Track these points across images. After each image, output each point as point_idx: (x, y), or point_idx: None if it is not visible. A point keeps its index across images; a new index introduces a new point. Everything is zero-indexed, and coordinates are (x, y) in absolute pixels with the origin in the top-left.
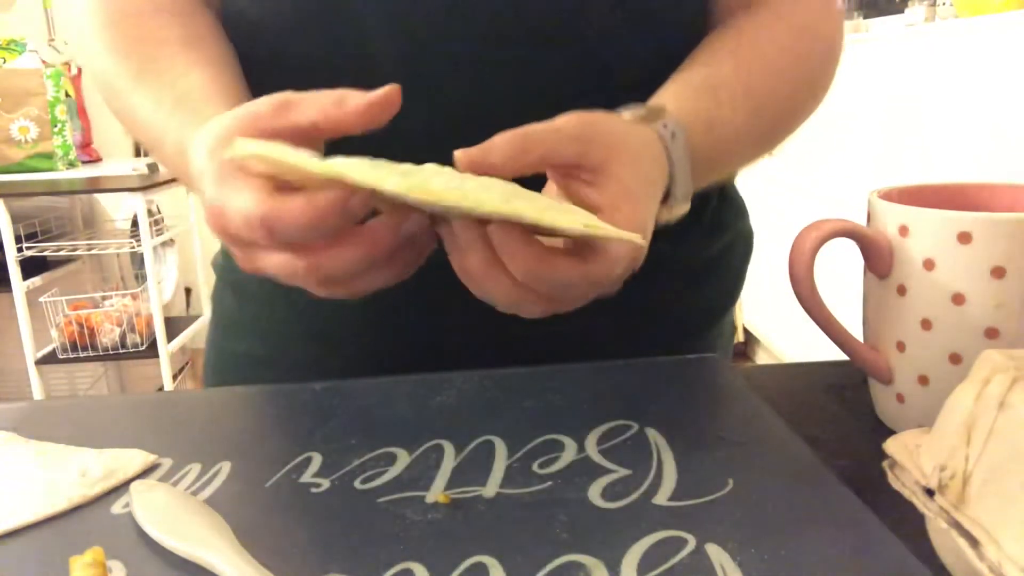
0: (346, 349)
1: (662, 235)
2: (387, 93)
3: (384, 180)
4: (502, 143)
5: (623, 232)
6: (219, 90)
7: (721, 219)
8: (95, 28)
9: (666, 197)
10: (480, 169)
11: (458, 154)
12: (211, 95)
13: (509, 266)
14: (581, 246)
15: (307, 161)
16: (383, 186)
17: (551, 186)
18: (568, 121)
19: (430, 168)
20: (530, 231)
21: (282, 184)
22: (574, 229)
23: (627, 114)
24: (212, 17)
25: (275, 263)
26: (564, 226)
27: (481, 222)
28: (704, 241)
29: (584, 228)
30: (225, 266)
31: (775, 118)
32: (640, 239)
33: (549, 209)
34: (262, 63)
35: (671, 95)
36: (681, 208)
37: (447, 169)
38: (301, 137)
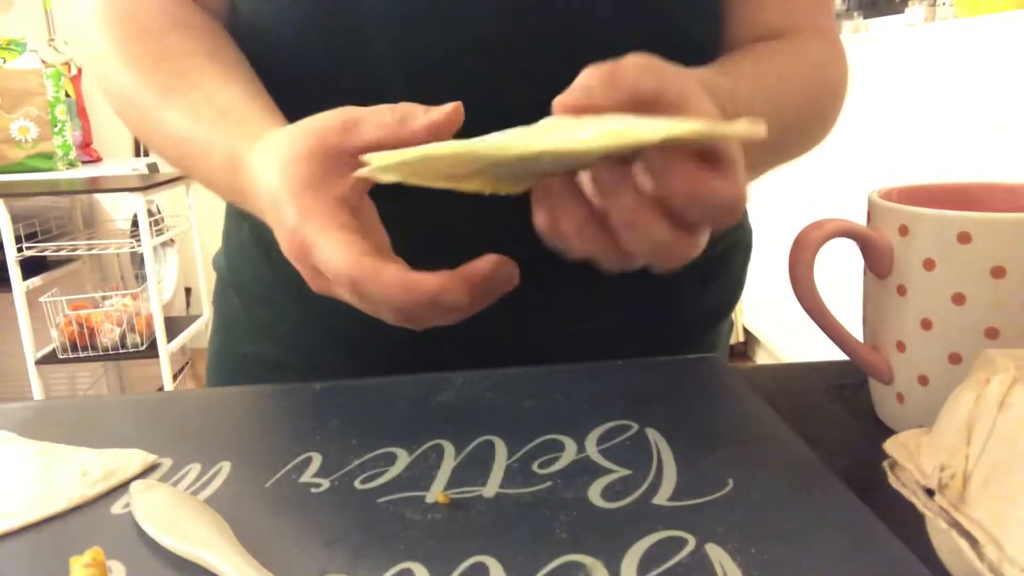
0: (363, 352)
1: None
2: (452, 111)
3: (531, 144)
4: (599, 79)
5: (738, 126)
6: (261, 104)
7: None
8: (111, 45)
9: None
10: (585, 109)
11: (559, 100)
12: (253, 109)
13: (671, 197)
14: (718, 163)
15: (443, 147)
16: (535, 148)
17: None
18: (640, 58)
19: (529, 129)
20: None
21: (372, 246)
22: (748, 132)
23: None
24: (225, 30)
25: (352, 301)
26: (738, 133)
27: (623, 160)
28: (709, 242)
29: (754, 130)
30: (228, 267)
31: (789, 126)
32: (758, 127)
33: (692, 123)
34: (267, 71)
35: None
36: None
37: (529, 127)
38: (364, 153)
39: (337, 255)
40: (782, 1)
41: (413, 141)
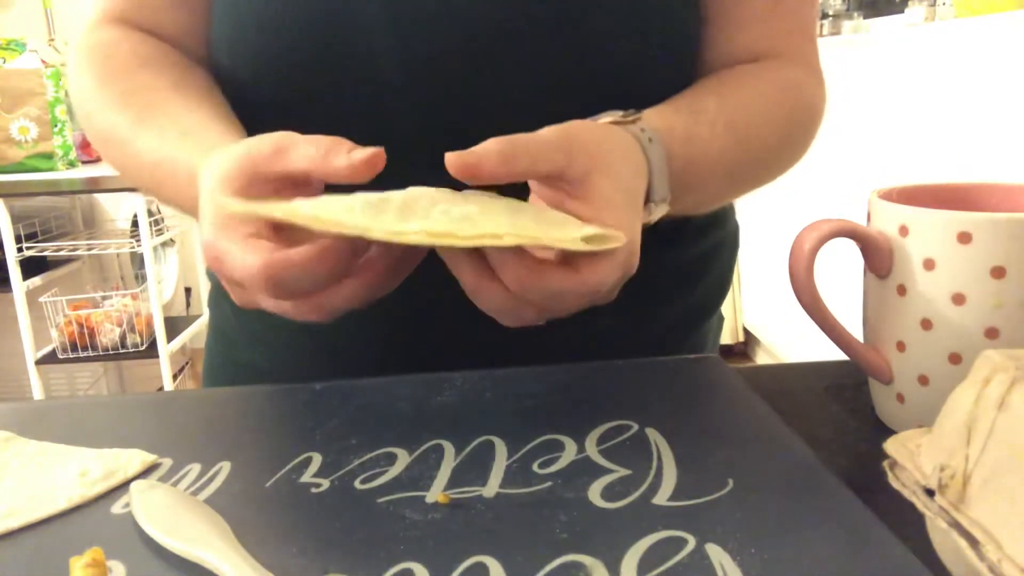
0: (351, 361)
1: (654, 235)
2: (372, 156)
3: (375, 228)
4: (495, 149)
5: (611, 232)
6: (223, 125)
7: (712, 217)
8: (91, 87)
9: (645, 200)
10: (472, 175)
11: (450, 157)
12: (215, 128)
13: (503, 278)
14: (573, 256)
15: (295, 214)
16: (373, 235)
17: (535, 197)
18: (551, 131)
19: (419, 196)
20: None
21: (279, 230)
22: (574, 246)
23: (605, 118)
24: (197, 66)
25: (276, 305)
26: (565, 246)
27: None
28: (696, 239)
29: (584, 246)
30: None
31: (754, 158)
32: (623, 237)
33: (549, 225)
34: (262, 75)
35: (651, 111)
36: (659, 211)
37: (432, 191)
38: (288, 179)
39: (245, 258)
40: (760, 24)
41: (335, 177)
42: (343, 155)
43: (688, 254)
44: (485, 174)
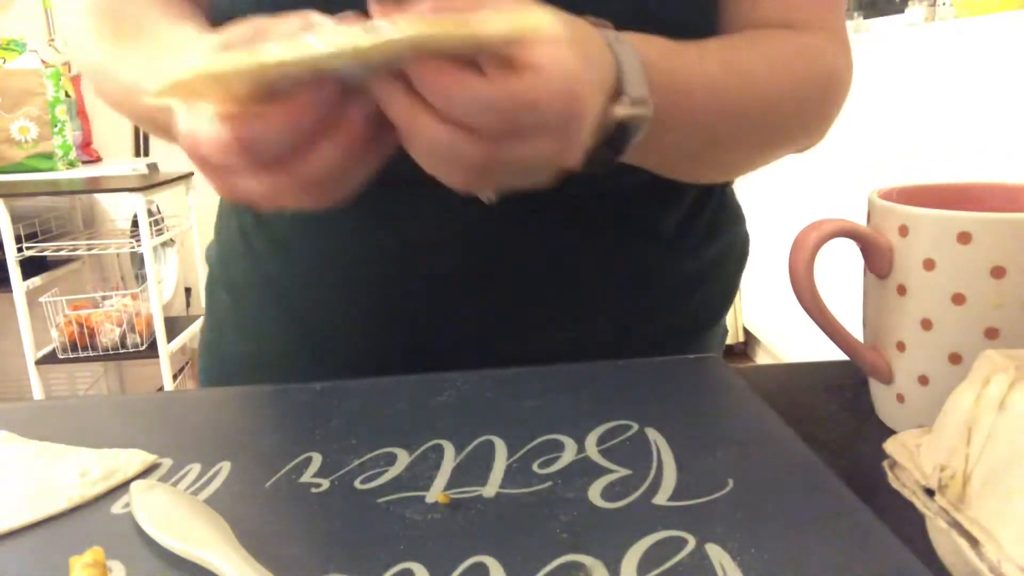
0: (339, 353)
1: (659, 240)
2: (352, 19)
3: (303, 50)
4: None
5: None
6: (206, 34)
7: (717, 224)
8: (83, 27)
9: (617, 93)
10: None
11: None
12: (198, 35)
13: (428, 98)
14: (501, 62)
15: (217, 63)
16: (303, 55)
17: None
18: None
19: (350, 27)
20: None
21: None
22: (490, 34)
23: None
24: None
25: (256, 185)
26: (480, 38)
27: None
28: (700, 246)
29: (502, 36)
30: (218, 259)
31: (754, 103)
32: (548, 27)
33: (467, 22)
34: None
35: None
36: (638, 110)
37: (359, 24)
38: None
39: (215, 128)
40: None
41: None
42: (327, 24)
43: (691, 260)
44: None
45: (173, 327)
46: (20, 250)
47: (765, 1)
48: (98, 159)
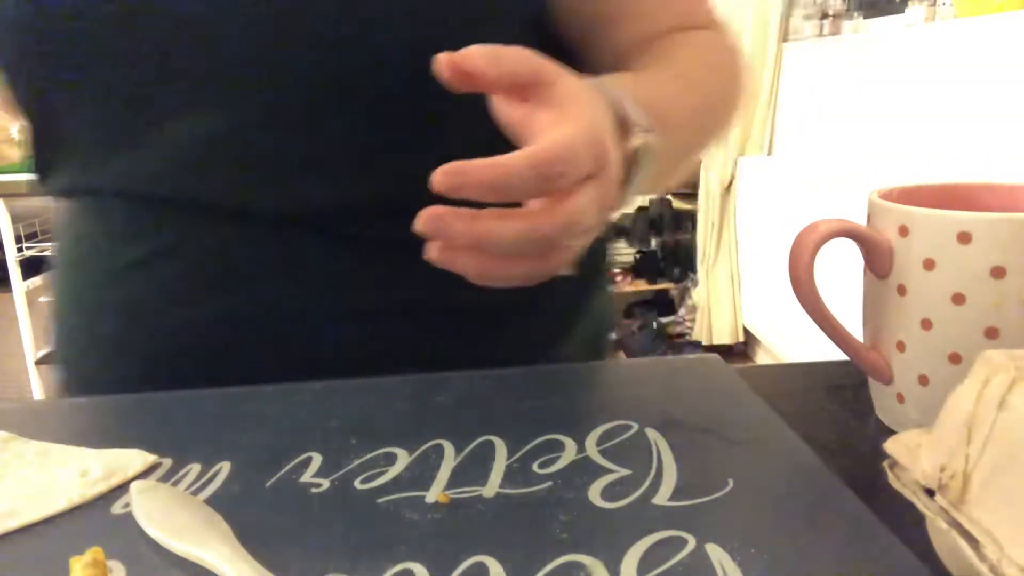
0: (123, 357)
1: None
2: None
3: None
4: (481, 51)
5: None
6: None
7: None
8: None
9: (627, 127)
10: (461, 71)
11: (441, 57)
12: None
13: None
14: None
15: None
16: None
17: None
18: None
19: None
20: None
21: None
22: None
23: None
24: None
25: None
26: None
27: None
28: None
29: None
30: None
31: (707, 103)
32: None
33: None
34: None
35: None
36: (650, 139)
37: None
38: None
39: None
40: (660, 10)
41: None
42: None
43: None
44: (476, 71)
45: None
46: (20, 250)
47: (646, 23)
48: None
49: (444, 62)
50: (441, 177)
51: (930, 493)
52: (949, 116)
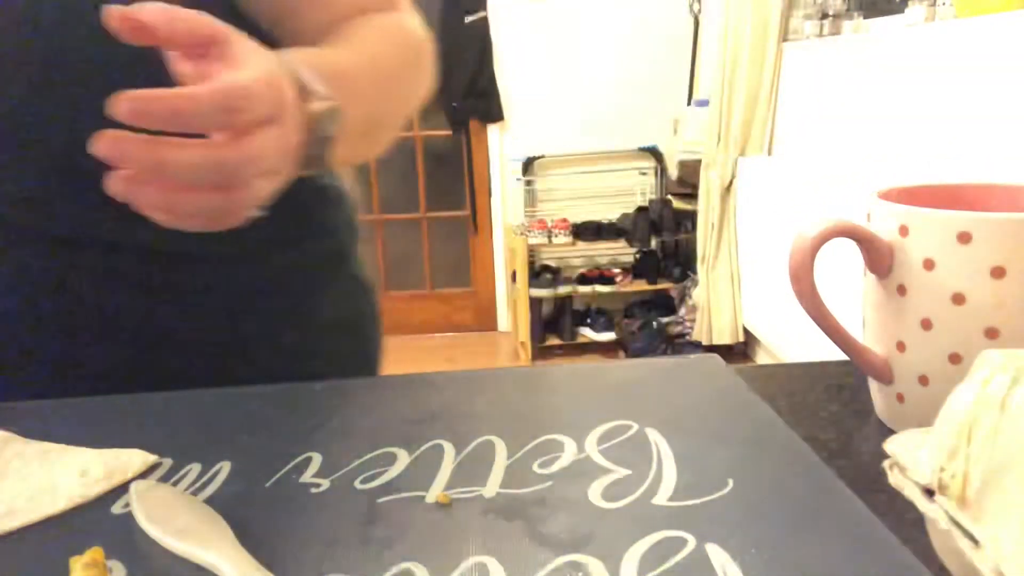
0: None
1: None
2: None
3: None
4: (159, 6)
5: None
6: None
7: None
8: None
9: (304, 92)
10: (137, 27)
11: (113, 12)
12: None
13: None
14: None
15: None
16: None
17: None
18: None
19: None
20: None
21: None
22: None
23: None
24: None
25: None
26: None
27: None
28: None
29: None
30: None
31: (388, 80)
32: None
33: None
34: None
35: None
36: (328, 106)
37: None
38: None
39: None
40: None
41: None
42: None
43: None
44: (149, 23)
45: None
46: None
47: (329, 11)
48: None
49: (115, 15)
50: (122, 102)
51: (930, 493)
52: (949, 116)
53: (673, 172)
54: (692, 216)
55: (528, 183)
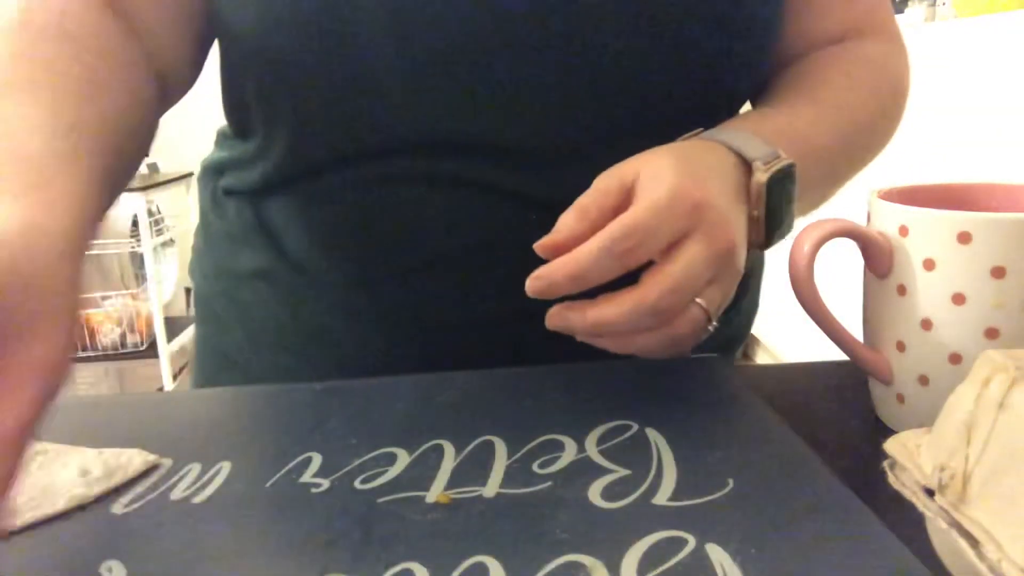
0: (333, 347)
1: None
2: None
3: None
4: (565, 218)
5: None
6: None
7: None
8: None
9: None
10: (560, 249)
11: (540, 243)
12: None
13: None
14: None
15: None
16: None
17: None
18: (599, 180)
19: None
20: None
21: None
22: None
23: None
24: (130, 53)
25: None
26: None
27: None
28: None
29: None
30: (208, 252)
31: (856, 142)
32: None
33: None
34: (257, 69)
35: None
36: (775, 165)
37: None
38: None
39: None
40: (841, 10)
41: None
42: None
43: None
44: (567, 240)
45: (173, 327)
46: None
47: (829, 20)
48: None
49: (543, 246)
50: (531, 283)
51: (930, 493)
52: (949, 116)
53: None
54: None
55: None
